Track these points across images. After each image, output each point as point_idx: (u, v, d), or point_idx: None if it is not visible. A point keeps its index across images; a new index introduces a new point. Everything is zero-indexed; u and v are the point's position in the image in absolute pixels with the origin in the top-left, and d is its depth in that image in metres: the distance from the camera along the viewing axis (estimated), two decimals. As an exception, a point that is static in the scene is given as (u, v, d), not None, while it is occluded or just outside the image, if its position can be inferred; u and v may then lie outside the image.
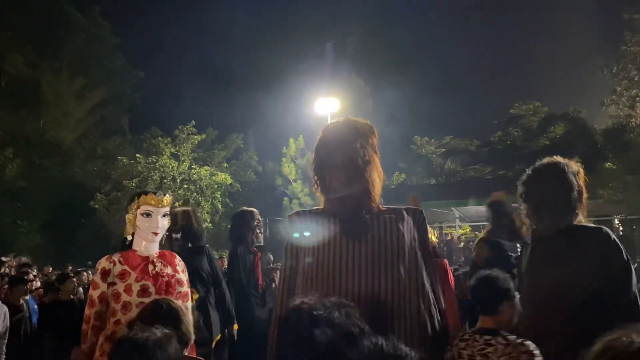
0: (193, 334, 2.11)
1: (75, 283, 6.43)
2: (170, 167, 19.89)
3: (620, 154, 17.54)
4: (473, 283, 2.20)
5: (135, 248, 2.65)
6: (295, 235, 2.02)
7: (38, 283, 7.75)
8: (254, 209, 4.73)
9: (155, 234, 2.63)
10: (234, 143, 24.50)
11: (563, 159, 2.32)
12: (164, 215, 2.67)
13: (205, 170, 20.53)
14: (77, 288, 6.82)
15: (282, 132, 22.29)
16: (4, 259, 9.82)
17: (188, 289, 2.77)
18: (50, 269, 11.45)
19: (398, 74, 29.84)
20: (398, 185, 25.12)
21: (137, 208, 2.63)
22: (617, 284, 2.08)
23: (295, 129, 21.18)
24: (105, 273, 2.52)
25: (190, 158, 20.89)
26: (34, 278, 7.65)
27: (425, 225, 2.03)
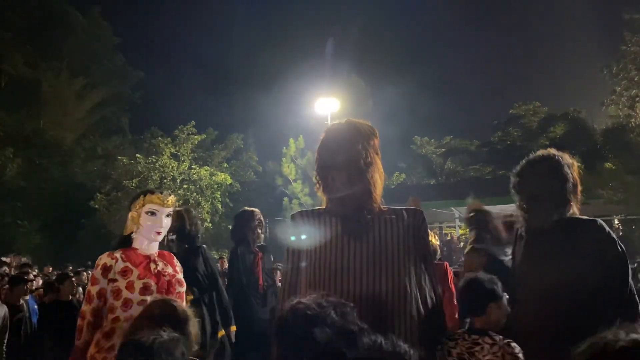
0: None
1: (75, 283, 6.42)
2: (170, 167, 19.90)
3: (620, 154, 17.54)
4: (461, 285, 2.29)
5: (136, 246, 2.65)
6: (292, 239, 2.05)
7: (40, 282, 7.76)
8: (255, 209, 4.71)
9: (159, 233, 2.64)
10: (234, 143, 24.53)
11: (557, 151, 2.31)
12: (168, 215, 2.69)
13: (205, 170, 20.54)
14: (77, 288, 6.82)
15: (282, 132, 22.30)
16: (5, 259, 9.83)
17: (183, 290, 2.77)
18: (51, 269, 11.45)
19: (398, 74, 29.91)
20: (398, 185, 25.13)
21: (142, 206, 2.63)
22: (612, 276, 2.08)
23: (295, 129, 21.20)
24: (107, 269, 2.50)
25: (190, 158, 20.89)
26: (34, 278, 7.67)
27: (426, 226, 2.05)
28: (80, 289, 6.92)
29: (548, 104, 30.25)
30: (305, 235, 2.02)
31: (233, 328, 4.16)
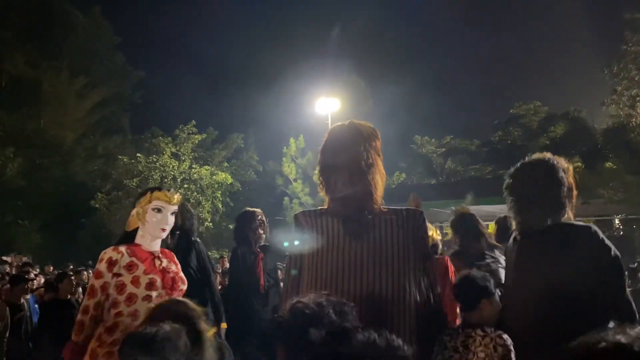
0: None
1: (74, 282, 6.41)
2: (171, 166, 19.91)
3: (621, 154, 17.52)
4: (455, 282, 2.41)
5: (140, 242, 2.65)
6: (295, 242, 2.12)
7: (41, 281, 7.77)
8: (257, 210, 4.70)
9: (164, 230, 2.65)
10: (235, 143, 24.54)
11: (553, 156, 2.30)
12: (173, 213, 2.70)
13: (206, 170, 20.55)
14: (77, 287, 6.82)
15: (282, 131, 22.31)
16: (6, 259, 9.85)
17: None
18: (52, 268, 11.46)
19: (398, 74, 29.90)
20: (398, 185, 25.12)
21: (148, 202, 2.64)
22: (606, 282, 2.07)
23: (296, 129, 21.21)
24: (112, 263, 2.49)
25: (191, 157, 20.90)
26: (35, 277, 7.67)
27: (425, 226, 2.09)
28: (80, 289, 6.92)
29: (549, 104, 30.30)
30: (307, 236, 2.06)
31: (223, 325, 4.16)
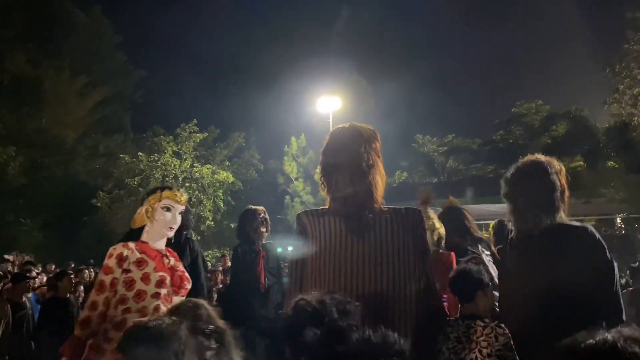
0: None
1: (73, 280, 6.41)
2: (172, 165, 19.93)
3: (623, 153, 17.51)
4: (452, 276, 2.48)
5: (147, 240, 2.65)
6: (297, 240, 2.18)
7: (44, 279, 7.79)
8: (259, 207, 4.67)
9: (171, 229, 2.67)
10: (236, 141, 24.52)
11: (545, 157, 2.32)
12: (180, 213, 2.73)
13: (207, 169, 20.56)
14: (78, 286, 6.83)
15: (283, 130, 22.32)
16: (8, 257, 9.86)
17: None
18: (53, 267, 11.48)
19: (399, 73, 29.86)
20: (400, 184, 25.14)
21: (158, 201, 2.66)
22: (599, 282, 2.09)
23: (297, 128, 21.24)
24: (122, 259, 2.49)
25: (192, 156, 20.92)
26: (37, 275, 7.69)
27: (423, 224, 2.18)
28: (82, 287, 6.94)
29: (550, 103, 30.28)
30: (309, 235, 2.13)
31: None
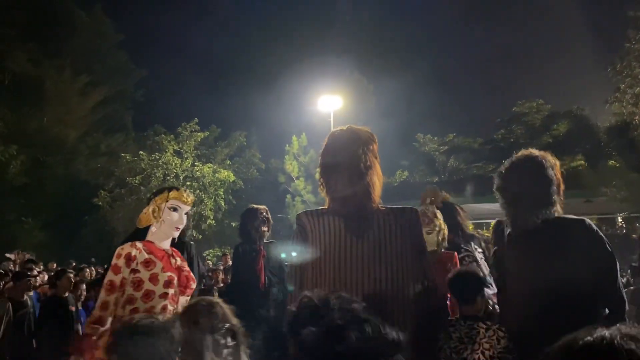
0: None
1: (72, 279, 6.41)
2: (174, 164, 19.94)
3: (624, 152, 17.50)
4: (452, 277, 2.51)
5: (152, 240, 2.65)
6: (297, 240, 2.21)
7: (45, 278, 7.80)
8: (261, 206, 4.66)
9: (177, 229, 2.68)
10: (237, 140, 24.51)
11: (539, 152, 2.31)
12: (186, 213, 2.74)
13: (209, 168, 20.57)
14: (80, 284, 6.84)
15: (284, 129, 22.29)
16: (9, 256, 9.88)
17: None
18: (55, 265, 11.50)
19: (400, 72, 29.81)
20: (400, 183, 25.15)
21: (165, 201, 2.66)
22: (600, 275, 2.08)
23: (298, 127, 21.20)
24: (131, 259, 2.49)
25: (194, 155, 20.93)
26: (38, 274, 7.71)
27: (420, 224, 2.23)
28: (84, 286, 6.95)
29: (551, 102, 30.24)
30: (309, 236, 2.17)
31: None
